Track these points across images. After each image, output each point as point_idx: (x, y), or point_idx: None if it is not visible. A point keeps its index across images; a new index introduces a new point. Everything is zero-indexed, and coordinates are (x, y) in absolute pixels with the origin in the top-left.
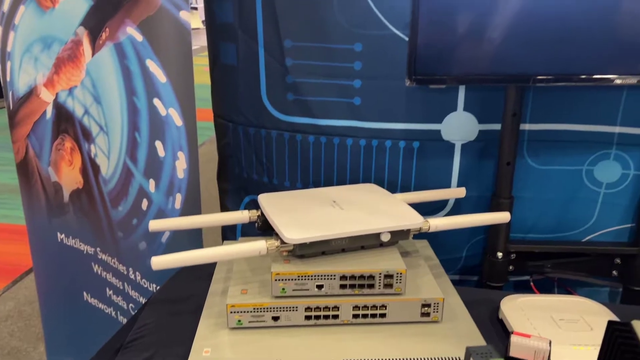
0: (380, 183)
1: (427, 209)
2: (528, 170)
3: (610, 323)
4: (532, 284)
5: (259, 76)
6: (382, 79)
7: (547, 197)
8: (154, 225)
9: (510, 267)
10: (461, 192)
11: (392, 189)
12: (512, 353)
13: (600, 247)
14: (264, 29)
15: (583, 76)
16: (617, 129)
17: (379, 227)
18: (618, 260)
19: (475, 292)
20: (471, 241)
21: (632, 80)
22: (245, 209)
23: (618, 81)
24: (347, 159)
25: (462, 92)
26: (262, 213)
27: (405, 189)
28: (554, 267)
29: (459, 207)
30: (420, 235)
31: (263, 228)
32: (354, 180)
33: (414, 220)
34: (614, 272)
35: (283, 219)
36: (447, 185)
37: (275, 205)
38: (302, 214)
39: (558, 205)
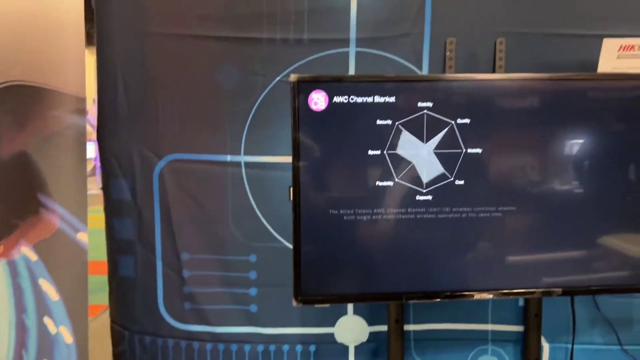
0: None
1: None
2: None
3: None
4: None
5: (156, 287)
6: (276, 287)
7: None
8: None
9: None
10: None
11: None
12: None
13: None
14: (162, 243)
15: (447, 293)
16: (489, 327)
17: None
18: None
19: None
20: None
21: (487, 295)
22: None
23: (477, 296)
24: None
25: None
26: None
27: None
28: None
29: None
30: None
31: None
32: None
33: None
34: None
35: None
36: None
37: None
38: None
39: None
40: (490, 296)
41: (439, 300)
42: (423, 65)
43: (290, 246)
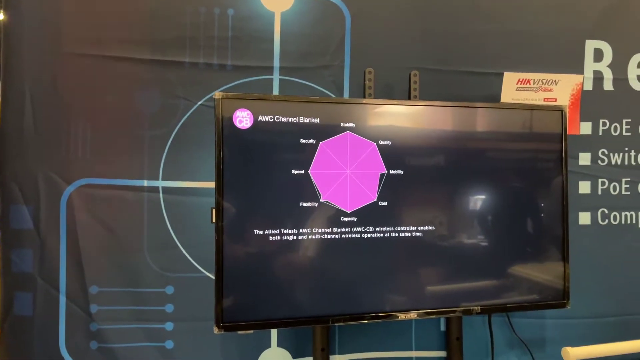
0: None
1: None
2: None
3: None
4: None
5: (57, 326)
6: (195, 321)
7: None
8: None
9: None
10: None
11: None
12: None
13: None
14: (67, 276)
15: (373, 314)
16: (414, 354)
17: None
18: None
19: None
20: None
21: (412, 314)
22: None
23: (401, 317)
24: None
25: (275, 329)
26: None
27: None
28: None
29: None
30: None
31: None
32: None
33: None
34: None
35: None
36: None
37: None
38: None
39: None
40: (415, 315)
41: (365, 322)
42: (344, 95)
43: (212, 276)
